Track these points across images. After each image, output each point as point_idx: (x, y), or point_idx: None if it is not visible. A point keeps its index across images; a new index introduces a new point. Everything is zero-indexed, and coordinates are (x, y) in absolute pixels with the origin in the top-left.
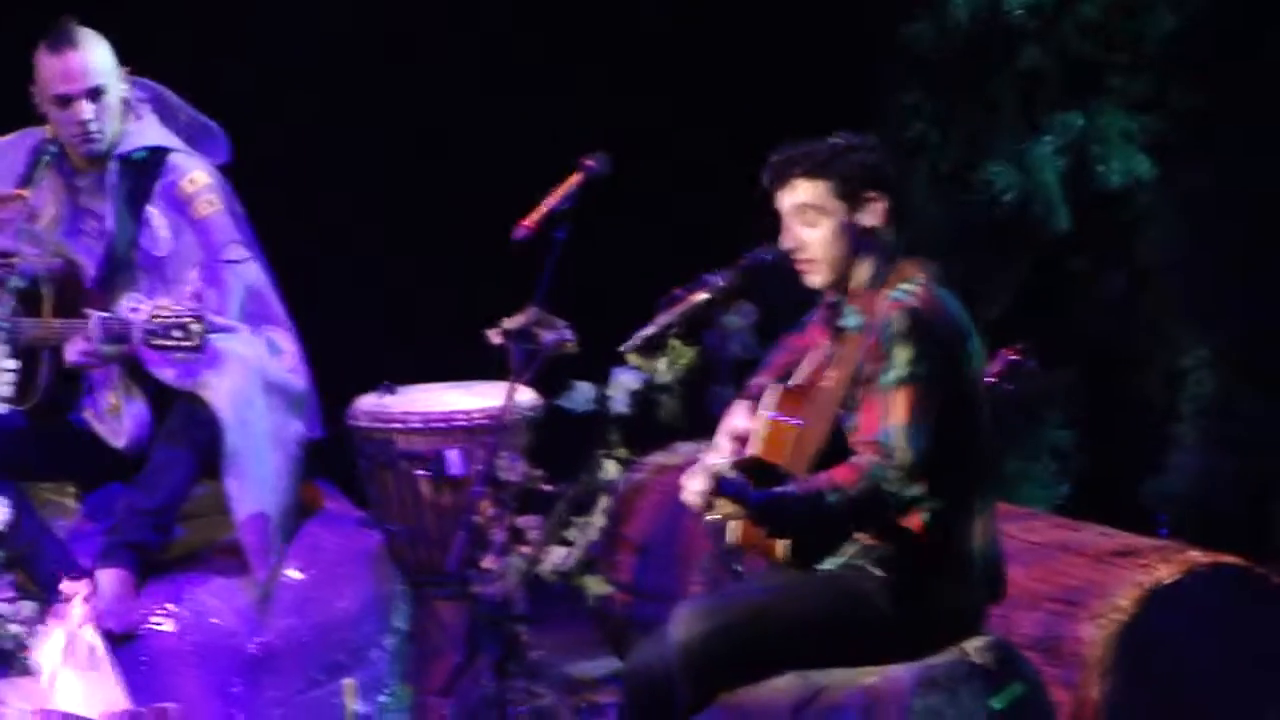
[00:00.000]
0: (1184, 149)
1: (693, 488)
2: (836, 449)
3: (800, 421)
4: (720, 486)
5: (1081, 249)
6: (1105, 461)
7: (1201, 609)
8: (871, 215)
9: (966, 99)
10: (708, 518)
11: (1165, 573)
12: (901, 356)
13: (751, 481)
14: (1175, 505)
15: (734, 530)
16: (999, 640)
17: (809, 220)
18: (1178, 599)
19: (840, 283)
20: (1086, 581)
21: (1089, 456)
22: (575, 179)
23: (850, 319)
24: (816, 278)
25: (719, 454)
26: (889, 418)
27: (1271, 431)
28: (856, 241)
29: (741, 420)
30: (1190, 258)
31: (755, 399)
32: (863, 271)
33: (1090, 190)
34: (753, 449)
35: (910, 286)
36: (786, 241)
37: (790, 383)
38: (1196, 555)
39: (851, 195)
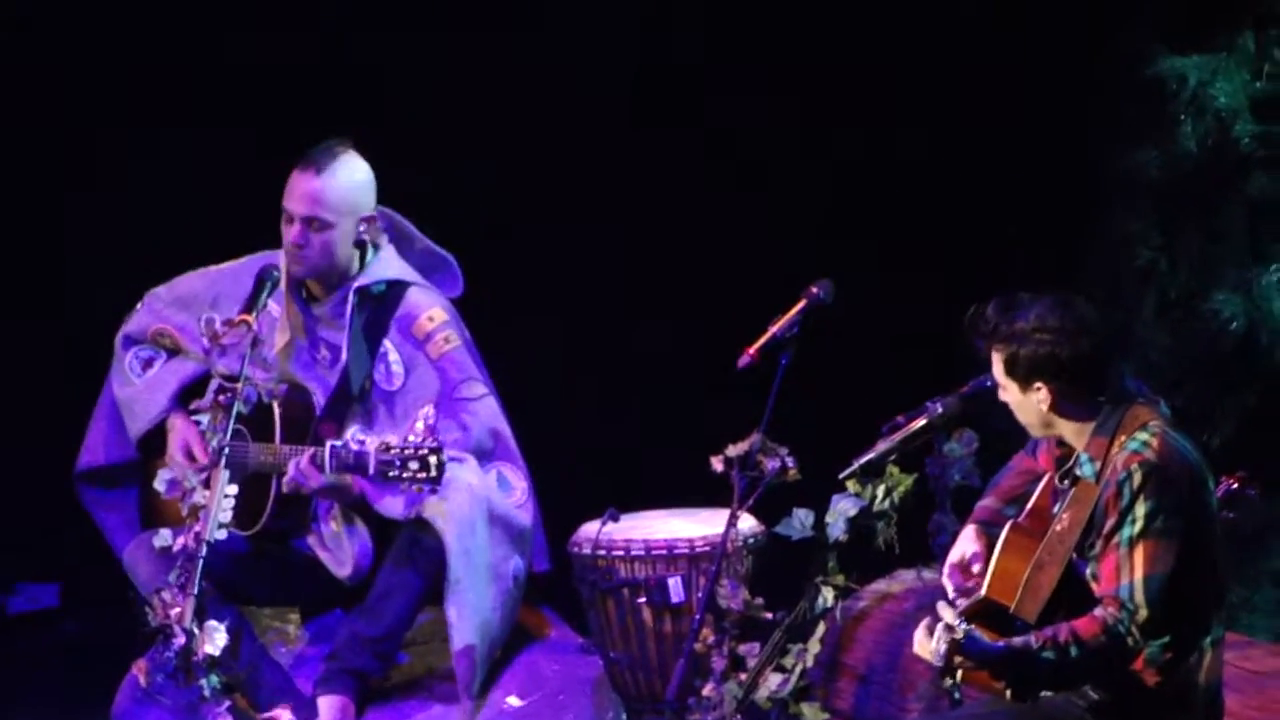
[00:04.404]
0: None
1: (931, 647)
2: (1064, 592)
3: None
4: (964, 648)
5: None
6: None
7: None
8: (1040, 400)
9: (1194, 227)
10: (948, 682)
11: None
12: (1140, 511)
13: (980, 625)
14: None
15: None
16: None
17: (1001, 384)
18: None
19: (1054, 437)
20: None
21: None
22: (800, 306)
23: (1085, 467)
24: (1030, 432)
25: (950, 607)
26: (1128, 573)
27: None
28: (1044, 414)
29: (969, 546)
30: None
31: (982, 523)
32: (1082, 427)
33: None
34: (983, 588)
35: (1146, 436)
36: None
37: (1020, 516)
38: None
39: (1019, 379)
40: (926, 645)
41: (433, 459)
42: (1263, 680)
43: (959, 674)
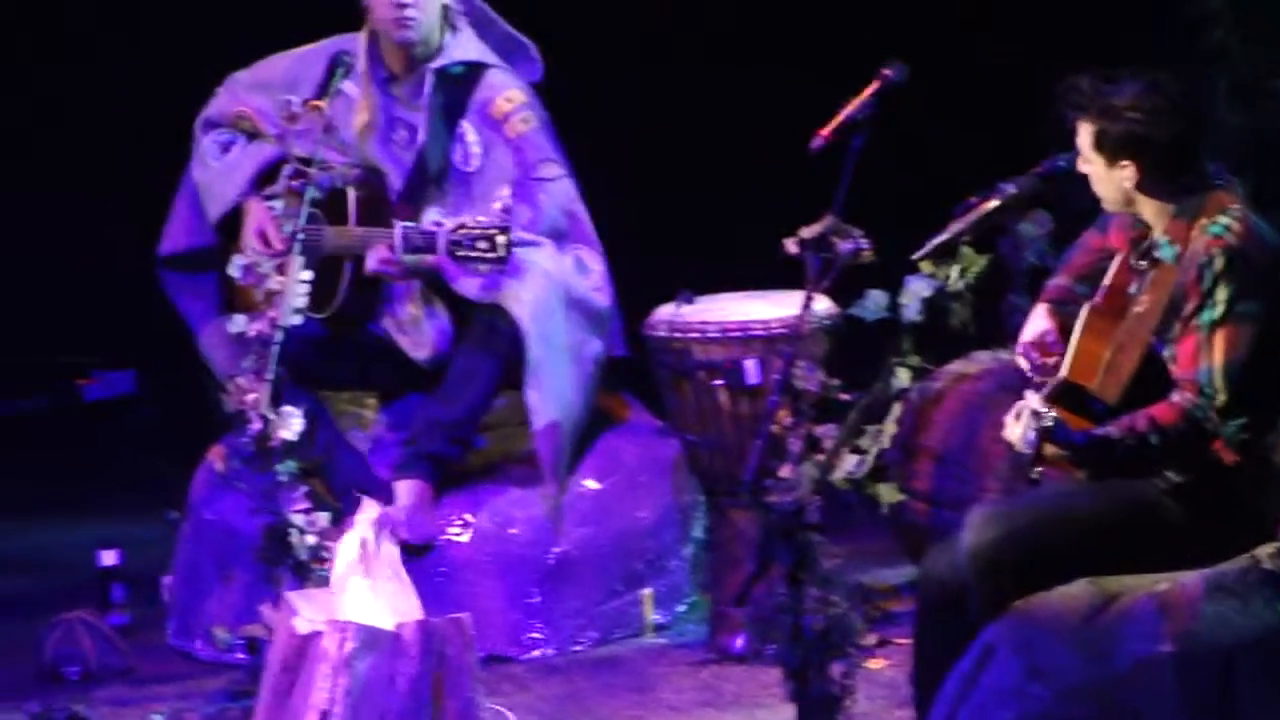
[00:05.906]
0: None
1: (1018, 434)
2: (1145, 374)
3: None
4: (1052, 435)
5: None
6: None
7: None
8: (1126, 177)
9: (1266, 5)
10: (1034, 472)
11: None
12: (1221, 295)
13: (1061, 407)
14: None
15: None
16: None
17: (1086, 157)
18: None
19: (1129, 215)
20: None
21: None
22: (873, 87)
23: (1165, 250)
24: (1106, 207)
25: (1035, 393)
26: (1207, 358)
27: None
28: (1127, 191)
29: (1041, 324)
30: None
31: (1054, 302)
32: (1162, 207)
33: None
34: (1062, 370)
35: (1228, 220)
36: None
37: (1098, 297)
38: None
39: (1107, 155)
40: (1014, 431)
41: (500, 238)
42: None
43: (1046, 462)
